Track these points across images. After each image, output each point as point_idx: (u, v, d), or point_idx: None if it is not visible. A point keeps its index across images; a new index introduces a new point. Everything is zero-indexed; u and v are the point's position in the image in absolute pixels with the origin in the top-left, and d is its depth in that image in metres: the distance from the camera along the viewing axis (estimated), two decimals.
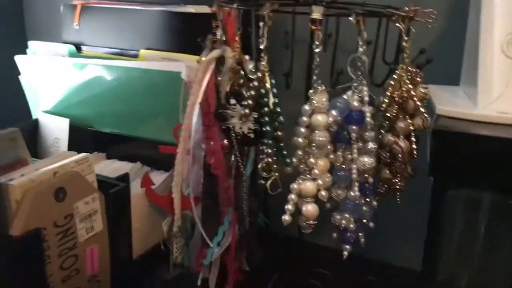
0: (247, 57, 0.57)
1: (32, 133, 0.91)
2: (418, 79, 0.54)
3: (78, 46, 0.89)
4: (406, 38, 0.53)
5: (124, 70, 0.79)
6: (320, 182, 0.52)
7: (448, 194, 0.53)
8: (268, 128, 0.52)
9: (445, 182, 0.54)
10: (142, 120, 0.83)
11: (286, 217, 0.53)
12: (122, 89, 0.82)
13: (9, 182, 0.55)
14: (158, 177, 0.82)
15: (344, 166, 0.54)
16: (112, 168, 0.84)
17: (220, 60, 0.59)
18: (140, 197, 0.74)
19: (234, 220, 0.61)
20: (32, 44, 0.93)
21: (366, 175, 0.54)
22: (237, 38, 0.56)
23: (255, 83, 0.52)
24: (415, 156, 0.55)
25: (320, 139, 0.50)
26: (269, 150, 0.53)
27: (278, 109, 0.53)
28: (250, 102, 0.52)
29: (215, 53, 0.58)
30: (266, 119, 0.52)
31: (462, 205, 0.55)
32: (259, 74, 0.52)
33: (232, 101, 0.54)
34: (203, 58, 0.64)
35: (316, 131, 0.50)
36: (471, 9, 0.64)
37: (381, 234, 0.67)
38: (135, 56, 0.83)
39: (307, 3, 0.63)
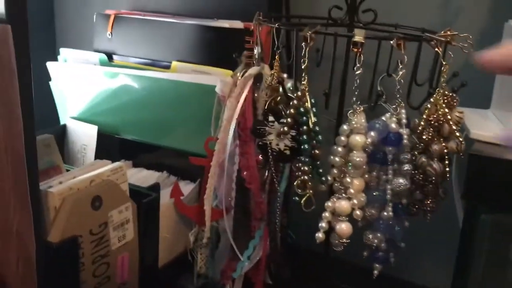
0: (285, 75, 0.58)
1: (60, 139, 0.93)
2: (454, 103, 0.55)
3: (109, 55, 0.91)
4: (444, 62, 0.54)
5: (157, 81, 0.80)
6: (355, 201, 0.53)
7: (481, 218, 0.54)
8: (306, 146, 0.53)
9: (478, 206, 0.54)
10: (170, 130, 0.85)
11: (319, 235, 0.54)
12: (152, 99, 0.83)
13: (49, 189, 0.56)
14: (184, 188, 0.83)
15: (378, 186, 0.54)
16: (139, 176, 0.85)
17: (258, 77, 0.60)
18: (167, 206, 0.75)
19: (265, 235, 0.62)
20: (63, 51, 0.95)
21: (400, 196, 0.55)
22: (276, 57, 0.57)
23: (295, 102, 0.53)
24: (448, 179, 0.56)
25: (358, 159, 0.51)
26: (306, 168, 0.54)
27: (317, 128, 0.53)
28: (289, 120, 0.53)
29: (254, 69, 0.59)
30: (305, 137, 0.53)
31: (494, 230, 0.56)
32: (299, 93, 0.53)
33: (270, 118, 0.55)
34: (238, 74, 0.65)
35: (354, 151, 0.51)
36: (505, 34, 0.65)
37: (407, 253, 0.68)
38: (166, 67, 0.85)
39: (343, 24, 0.64)
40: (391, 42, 0.51)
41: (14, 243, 0.50)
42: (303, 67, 0.52)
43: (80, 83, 0.90)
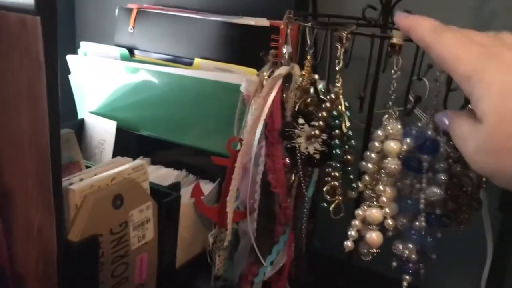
0: (316, 76, 0.56)
1: (78, 133, 0.91)
2: None
3: (130, 50, 0.89)
4: None
5: (179, 77, 0.79)
6: (387, 210, 0.51)
7: None
8: (338, 151, 0.51)
9: None
10: (190, 128, 0.83)
11: (348, 243, 0.52)
12: (173, 96, 0.82)
13: (70, 186, 0.55)
14: (203, 187, 0.81)
15: (411, 195, 0.52)
16: (158, 174, 0.83)
17: (286, 77, 0.58)
18: (187, 206, 0.73)
19: (290, 241, 0.60)
20: (83, 45, 0.93)
21: (433, 206, 0.52)
22: (308, 57, 0.55)
23: (328, 104, 0.51)
24: (483, 190, 0.54)
25: (393, 166, 0.49)
26: (336, 173, 0.52)
27: (350, 133, 0.51)
28: (320, 123, 0.51)
29: (283, 69, 0.57)
30: (337, 141, 0.51)
31: None
32: (333, 96, 0.51)
33: (300, 120, 0.53)
34: (265, 73, 0.63)
35: (389, 158, 0.49)
36: None
37: (434, 264, 0.65)
38: (188, 64, 0.83)
39: (377, 25, 0.62)
40: None
41: (35, 241, 0.49)
42: (337, 68, 0.50)
43: (100, 78, 0.89)
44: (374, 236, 0.51)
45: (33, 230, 0.48)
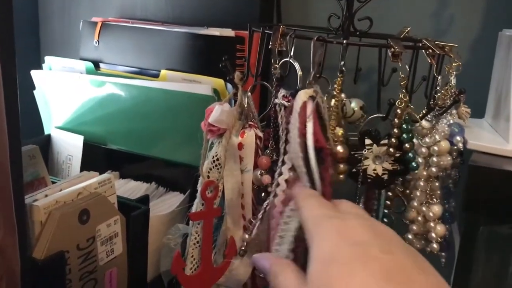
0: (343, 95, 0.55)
1: (44, 149, 0.90)
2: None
3: (96, 63, 0.88)
4: (454, 72, 0.54)
5: (146, 89, 0.79)
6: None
7: (480, 231, 0.53)
8: (414, 165, 0.52)
9: (477, 218, 0.53)
10: (158, 140, 0.83)
11: None
12: (140, 108, 0.81)
13: (34, 202, 0.54)
14: (174, 199, 0.81)
15: None
16: (127, 188, 0.82)
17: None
18: (156, 219, 0.72)
19: None
20: (48, 59, 0.92)
21: None
22: (340, 76, 0.53)
23: (396, 121, 0.52)
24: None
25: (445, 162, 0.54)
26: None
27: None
28: (393, 140, 0.51)
29: (307, 93, 0.51)
30: (410, 155, 0.52)
31: (493, 242, 0.55)
32: (399, 111, 0.52)
33: (367, 141, 0.53)
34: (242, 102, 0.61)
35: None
36: (499, 43, 0.65)
37: None
38: (154, 76, 0.83)
39: (339, 34, 0.63)
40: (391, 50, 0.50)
41: None
42: (401, 83, 0.52)
43: (65, 92, 0.88)
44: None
45: None
